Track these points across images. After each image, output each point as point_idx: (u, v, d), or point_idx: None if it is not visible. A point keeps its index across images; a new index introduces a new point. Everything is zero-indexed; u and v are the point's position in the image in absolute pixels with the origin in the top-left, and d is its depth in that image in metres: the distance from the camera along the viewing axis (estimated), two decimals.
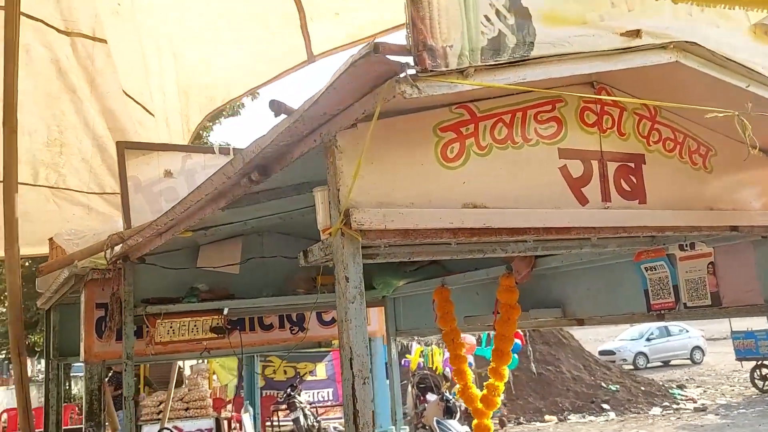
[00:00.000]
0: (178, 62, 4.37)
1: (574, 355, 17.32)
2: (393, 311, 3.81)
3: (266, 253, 3.54)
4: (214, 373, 14.74)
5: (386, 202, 1.37)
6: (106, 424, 3.23)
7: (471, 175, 1.50)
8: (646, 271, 2.36)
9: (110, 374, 11.31)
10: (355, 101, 1.27)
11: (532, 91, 1.48)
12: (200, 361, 14.13)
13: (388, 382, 4.15)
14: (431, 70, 1.18)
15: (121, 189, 3.42)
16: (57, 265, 3.32)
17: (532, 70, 1.31)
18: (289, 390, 13.48)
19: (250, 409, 5.20)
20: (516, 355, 12.52)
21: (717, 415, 13.76)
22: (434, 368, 13.63)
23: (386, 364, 4.19)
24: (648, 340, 24.57)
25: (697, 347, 24.55)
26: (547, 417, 14.85)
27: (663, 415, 14.50)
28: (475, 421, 2.73)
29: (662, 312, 2.32)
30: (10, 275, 3.16)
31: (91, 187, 5.38)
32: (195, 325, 3.19)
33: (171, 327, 3.12)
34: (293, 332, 3.86)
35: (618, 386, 16.30)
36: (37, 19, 4.04)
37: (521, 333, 15.79)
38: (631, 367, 21.70)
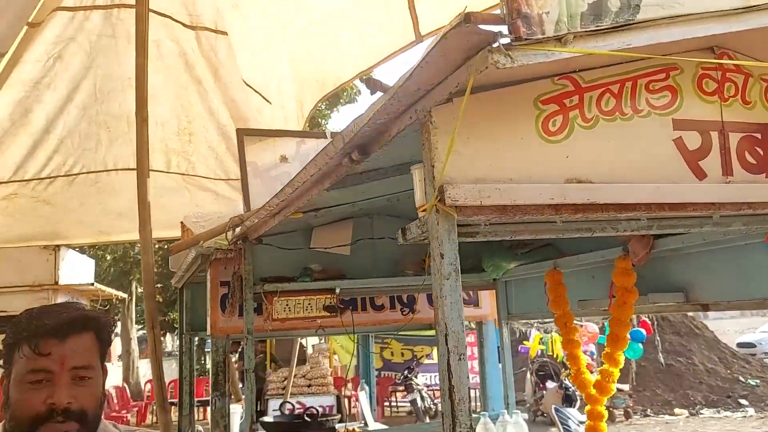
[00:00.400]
0: (292, 49, 4.51)
1: (708, 346, 16.26)
2: (505, 294, 3.75)
3: (376, 235, 3.60)
4: (334, 353, 15.29)
5: (482, 178, 1.35)
6: (231, 394, 3.42)
7: (575, 149, 1.43)
8: None
9: (239, 350, 12.00)
10: (448, 75, 1.25)
11: (641, 58, 1.39)
12: (321, 340, 14.71)
13: (500, 366, 4.10)
14: (526, 39, 1.14)
15: (240, 174, 3.60)
16: (185, 245, 3.55)
17: (637, 35, 1.23)
18: (406, 372, 13.71)
19: (366, 388, 5.32)
20: (641, 345, 11.96)
21: None
22: (554, 356, 13.29)
23: (498, 348, 4.13)
24: None
25: None
26: (677, 410, 14.06)
27: None
28: (588, 407, 2.64)
29: None
30: (144, 254, 3.43)
31: (218, 173, 5.69)
32: (309, 304, 3.30)
33: (287, 305, 3.25)
34: (404, 313, 3.90)
35: (758, 381, 15.11)
36: (165, 16, 4.32)
37: (648, 322, 15.02)
38: None
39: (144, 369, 18.67)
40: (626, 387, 13.67)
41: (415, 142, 1.51)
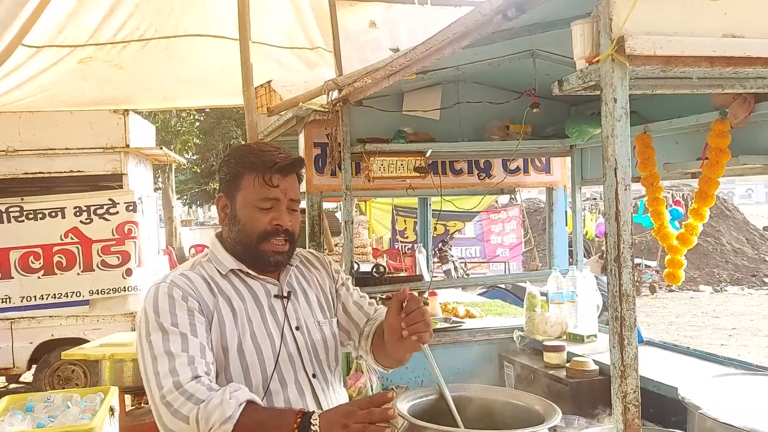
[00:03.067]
0: None
1: (737, 228, 16.55)
2: (580, 161, 3.94)
3: (461, 100, 3.76)
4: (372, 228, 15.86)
5: (653, 31, 1.50)
6: (324, 246, 3.76)
7: (732, 7, 1.57)
8: None
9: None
10: None
11: None
12: (359, 214, 15.22)
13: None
14: None
15: (333, 38, 3.71)
16: (284, 106, 3.76)
17: None
18: (440, 245, 14.25)
19: (423, 251, 5.68)
20: (677, 223, 12.25)
21: None
22: (585, 232, 13.67)
23: (566, 212, 4.39)
24: None
25: None
26: (701, 287, 14.59)
27: None
28: (668, 258, 2.90)
29: None
30: (248, 114, 3.64)
31: (284, 42, 5.77)
32: (401, 164, 3.54)
33: (382, 164, 3.49)
34: (480, 178, 4.13)
35: None
36: None
37: (682, 202, 15.25)
38: None
39: (186, 235, 19.55)
40: (653, 263, 14.11)
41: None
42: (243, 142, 17.63)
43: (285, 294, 1.87)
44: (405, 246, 14.66)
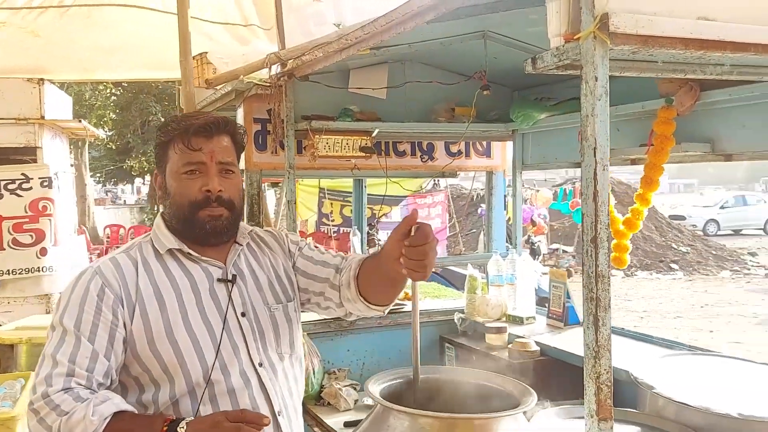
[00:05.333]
0: None
1: (647, 216, 17.40)
2: (521, 145, 3.98)
3: (407, 80, 3.70)
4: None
5: (634, 10, 1.49)
6: (263, 224, 3.63)
7: None
8: None
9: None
10: None
11: None
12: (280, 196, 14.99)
13: (504, 212, 4.45)
14: None
15: (276, 9, 3.57)
16: (224, 78, 3.58)
17: None
18: (367, 229, 14.24)
19: (358, 233, 5.64)
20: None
21: None
22: (507, 218, 14.01)
23: (505, 196, 4.44)
24: (722, 208, 24.27)
25: None
26: (613, 272, 15.27)
27: (732, 279, 14.71)
28: (615, 242, 2.97)
29: None
30: (185, 84, 3.44)
31: (217, 17, 5.54)
32: (347, 144, 3.45)
33: (327, 143, 3.39)
34: (423, 160, 4.09)
35: (689, 248, 16.47)
36: None
37: None
38: (701, 233, 21.68)
39: (100, 215, 18.69)
40: (570, 249, 14.67)
41: None
42: (162, 119, 16.99)
43: (230, 277, 1.76)
44: (331, 229, 14.59)
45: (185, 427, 1.47)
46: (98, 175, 22.36)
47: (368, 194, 6.54)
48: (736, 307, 11.47)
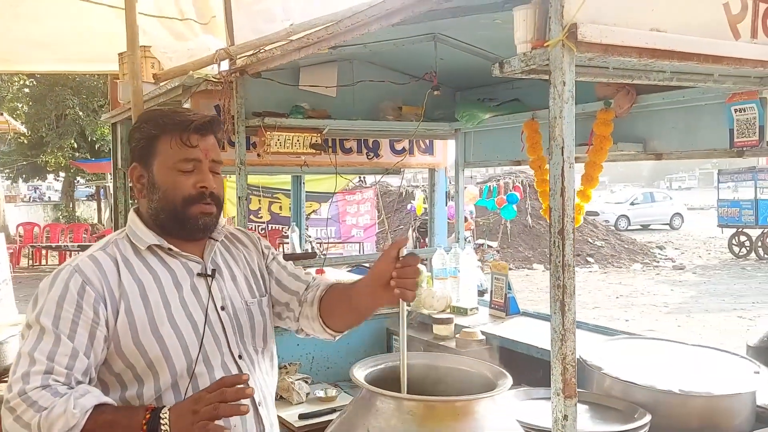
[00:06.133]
0: None
1: None
2: (464, 144, 4.13)
3: (355, 79, 3.78)
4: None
5: (597, 21, 1.63)
6: None
7: (657, 4, 1.75)
8: (735, 112, 2.66)
9: None
10: None
11: None
12: None
13: (447, 208, 4.60)
14: None
15: (225, 4, 3.55)
16: (172, 74, 3.53)
17: None
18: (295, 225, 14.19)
19: (296, 230, 5.67)
20: (515, 207, 13.21)
21: (694, 273, 14.87)
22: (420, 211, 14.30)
23: (446, 192, 4.58)
24: (632, 204, 25.62)
25: (678, 214, 25.77)
26: (535, 265, 15.88)
27: (644, 271, 15.61)
28: None
29: (743, 149, 2.66)
30: (133, 79, 3.37)
31: (150, 9, 5.41)
32: (298, 140, 3.48)
33: (278, 140, 3.41)
34: (369, 157, 4.18)
35: (603, 243, 17.32)
36: None
37: (520, 188, 16.47)
38: (613, 228, 22.80)
39: (11, 212, 17.71)
40: (495, 244, 15.12)
41: None
42: (80, 112, 16.25)
43: (209, 272, 1.80)
44: (259, 226, 14.43)
45: (168, 413, 1.47)
46: (7, 170, 21.17)
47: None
48: (648, 297, 12.18)
